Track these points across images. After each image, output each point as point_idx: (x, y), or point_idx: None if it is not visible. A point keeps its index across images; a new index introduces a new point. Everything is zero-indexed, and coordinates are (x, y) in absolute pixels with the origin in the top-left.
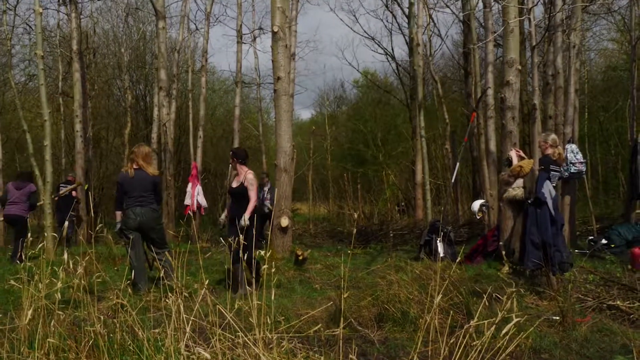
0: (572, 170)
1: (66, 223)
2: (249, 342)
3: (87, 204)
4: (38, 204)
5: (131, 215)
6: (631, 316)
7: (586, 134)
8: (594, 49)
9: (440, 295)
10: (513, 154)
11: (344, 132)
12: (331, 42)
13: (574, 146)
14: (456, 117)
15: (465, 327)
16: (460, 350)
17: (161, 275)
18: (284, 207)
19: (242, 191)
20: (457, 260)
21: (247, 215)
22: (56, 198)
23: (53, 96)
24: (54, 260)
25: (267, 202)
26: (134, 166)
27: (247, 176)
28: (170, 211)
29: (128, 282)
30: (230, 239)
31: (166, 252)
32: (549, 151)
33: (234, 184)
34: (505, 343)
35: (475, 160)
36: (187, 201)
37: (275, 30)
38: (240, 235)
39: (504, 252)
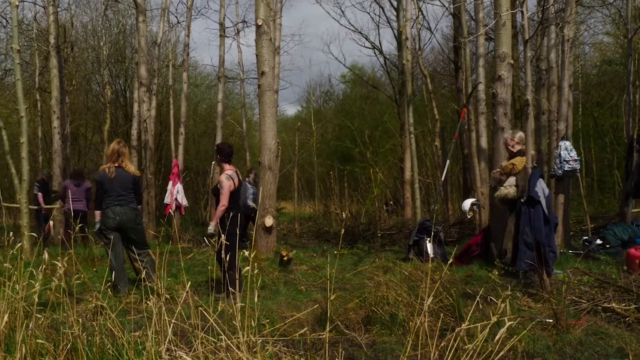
0: (565, 168)
1: (51, 222)
2: (232, 345)
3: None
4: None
5: (110, 214)
6: (627, 319)
7: (580, 130)
8: (588, 42)
9: (430, 297)
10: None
11: (331, 128)
12: (317, 35)
13: (567, 143)
14: (446, 113)
15: (456, 331)
16: (450, 354)
17: (142, 276)
18: (269, 206)
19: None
20: (449, 262)
21: (213, 222)
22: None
23: (30, 91)
24: (31, 260)
25: (251, 198)
26: (115, 164)
27: (220, 177)
28: (151, 210)
29: (108, 283)
30: (213, 240)
31: (149, 252)
32: (518, 148)
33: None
34: (497, 347)
35: (466, 157)
36: (168, 200)
37: (260, 23)
38: (223, 236)
39: (495, 253)
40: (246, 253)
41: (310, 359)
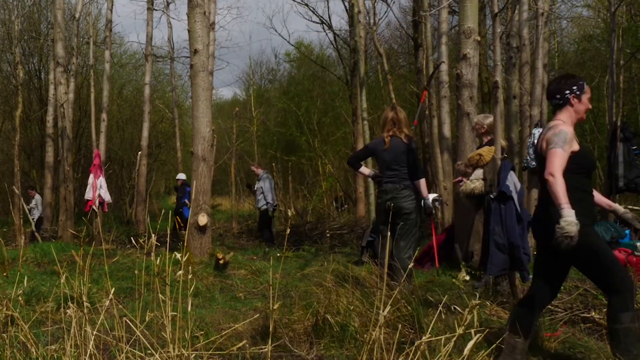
0: None
1: None
2: None
3: None
4: None
5: None
6: None
7: None
8: (565, 16)
9: (387, 307)
10: None
11: (274, 113)
12: (257, 8)
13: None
14: (404, 96)
15: (416, 344)
16: None
17: None
18: (202, 202)
19: None
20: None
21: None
22: None
23: None
24: None
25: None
26: None
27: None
28: (69, 207)
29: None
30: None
31: None
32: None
33: None
34: None
35: (427, 147)
36: (89, 195)
37: None
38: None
39: (460, 256)
40: (178, 255)
41: None
